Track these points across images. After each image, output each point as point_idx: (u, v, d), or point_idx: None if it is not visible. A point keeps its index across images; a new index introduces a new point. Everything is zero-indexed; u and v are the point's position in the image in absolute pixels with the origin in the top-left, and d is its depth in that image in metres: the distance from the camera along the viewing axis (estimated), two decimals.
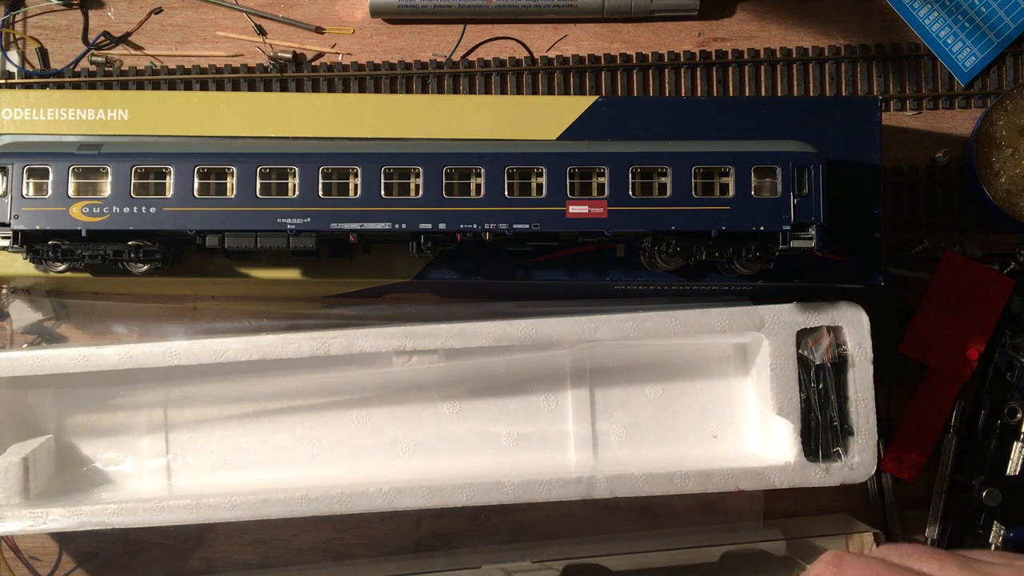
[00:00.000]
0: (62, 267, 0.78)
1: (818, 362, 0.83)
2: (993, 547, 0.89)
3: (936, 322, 0.89)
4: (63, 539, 0.91)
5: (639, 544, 0.88)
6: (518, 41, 0.96)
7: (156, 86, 0.94)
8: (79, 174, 0.75)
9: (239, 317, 0.90)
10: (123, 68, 0.95)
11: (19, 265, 0.80)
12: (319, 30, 0.96)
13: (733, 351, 0.89)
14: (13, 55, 0.95)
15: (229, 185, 0.76)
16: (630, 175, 0.76)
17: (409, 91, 0.94)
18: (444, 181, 0.76)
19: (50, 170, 0.75)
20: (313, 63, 0.95)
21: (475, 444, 0.88)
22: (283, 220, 0.75)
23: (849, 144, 0.82)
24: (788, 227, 0.76)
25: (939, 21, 0.95)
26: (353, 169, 0.76)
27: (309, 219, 0.75)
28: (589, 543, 0.90)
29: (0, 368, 0.82)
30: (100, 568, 0.91)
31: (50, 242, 0.76)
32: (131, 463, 0.88)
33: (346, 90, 0.94)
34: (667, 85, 0.95)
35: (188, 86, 0.94)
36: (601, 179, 0.77)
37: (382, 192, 0.76)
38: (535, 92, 0.95)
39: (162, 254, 0.77)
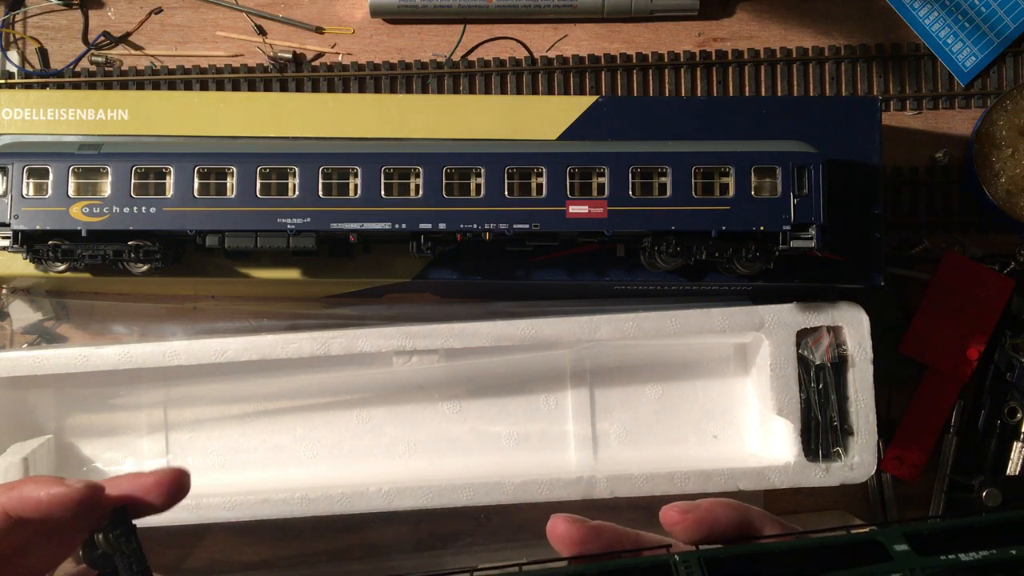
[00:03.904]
0: (62, 267, 0.78)
1: (818, 362, 0.83)
2: None
3: (936, 322, 0.89)
4: None
5: None
6: (518, 41, 0.96)
7: (156, 86, 0.94)
8: (79, 174, 0.75)
9: (239, 317, 0.90)
10: (123, 68, 0.95)
11: (19, 265, 0.80)
12: (319, 30, 0.96)
13: (733, 351, 0.89)
14: (13, 55, 0.95)
15: (229, 185, 0.76)
16: (630, 175, 0.76)
17: (409, 91, 0.94)
18: (444, 181, 0.76)
19: (50, 170, 0.75)
20: (313, 63, 0.95)
21: (475, 444, 0.88)
22: (283, 220, 0.75)
23: (849, 144, 0.82)
24: (788, 227, 0.76)
25: (939, 21, 0.95)
26: (353, 169, 0.76)
27: (309, 219, 0.75)
28: None
29: (0, 368, 0.82)
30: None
31: (50, 242, 0.76)
32: (131, 463, 0.88)
33: (346, 90, 0.94)
34: (667, 85, 0.95)
35: (188, 86, 0.94)
36: (601, 179, 0.77)
37: (382, 192, 0.76)
38: (535, 92, 0.95)
39: (162, 254, 0.77)
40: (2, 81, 0.94)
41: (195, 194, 0.75)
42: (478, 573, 0.43)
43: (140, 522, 0.80)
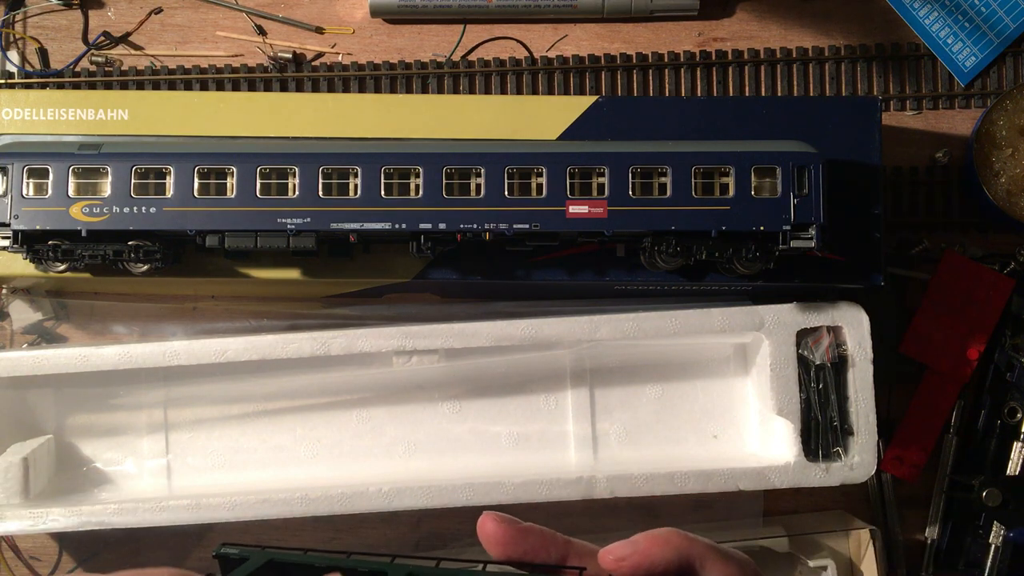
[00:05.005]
0: (62, 267, 0.78)
1: (818, 362, 0.83)
2: (993, 547, 0.89)
3: (936, 322, 0.89)
4: (63, 539, 0.91)
5: None
6: (518, 41, 0.96)
7: (156, 86, 0.94)
8: (79, 174, 0.75)
9: (239, 317, 0.90)
10: (123, 68, 0.95)
11: (19, 265, 0.80)
12: (319, 30, 0.96)
13: (733, 351, 0.89)
14: (13, 55, 0.95)
15: (229, 185, 0.76)
16: (630, 175, 0.76)
17: (409, 91, 0.94)
18: (444, 181, 0.76)
19: (50, 170, 0.75)
20: (313, 63, 0.95)
21: (475, 444, 0.88)
22: (283, 220, 0.75)
23: (849, 144, 0.82)
24: (788, 227, 0.76)
25: (939, 21, 0.95)
26: (353, 169, 0.76)
27: (309, 219, 0.75)
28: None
29: (0, 368, 0.82)
30: (100, 568, 0.91)
31: (50, 242, 0.76)
32: (131, 463, 0.88)
33: (346, 90, 0.94)
34: (667, 85, 0.95)
35: (188, 86, 0.94)
36: (601, 179, 0.77)
37: (382, 192, 0.76)
38: (535, 92, 0.95)
39: (162, 254, 0.77)
40: (2, 81, 0.94)
41: (195, 194, 0.75)
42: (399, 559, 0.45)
43: (140, 522, 0.80)
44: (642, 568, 0.46)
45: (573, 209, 0.76)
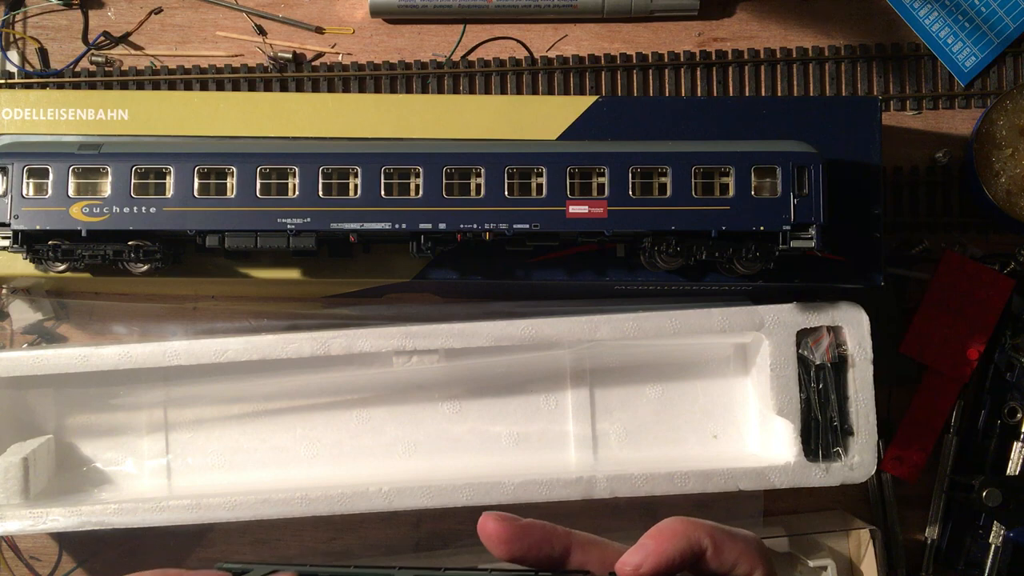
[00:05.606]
0: (62, 267, 0.78)
1: (818, 362, 0.83)
2: (993, 547, 0.89)
3: (936, 322, 0.89)
4: (63, 539, 0.91)
5: None
6: (518, 41, 0.96)
7: (156, 86, 0.94)
8: (79, 174, 0.75)
9: (239, 317, 0.90)
10: (123, 68, 0.95)
11: (19, 265, 0.80)
12: (319, 30, 0.96)
13: (733, 351, 0.89)
14: (13, 55, 0.95)
15: (229, 185, 0.76)
16: (630, 175, 0.76)
17: (409, 91, 0.94)
18: (444, 181, 0.76)
19: (50, 170, 0.75)
20: (313, 63, 0.95)
21: (475, 444, 0.88)
22: (283, 220, 0.75)
23: (849, 144, 0.82)
24: (788, 227, 0.76)
25: (939, 21, 0.95)
26: (353, 169, 0.76)
27: (309, 219, 0.75)
28: None
29: (0, 368, 0.82)
30: (100, 568, 0.91)
31: (50, 242, 0.76)
32: (131, 463, 0.88)
33: (346, 90, 0.94)
34: (667, 85, 0.95)
35: (188, 86, 0.94)
36: (601, 179, 0.77)
37: (382, 192, 0.76)
38: (535, 92, 0.95)
39: (162, 254, 0.77)
40: (2, 81, 0.94)
41: (195, 194, 0.75)
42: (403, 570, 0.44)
43: (140, 522, 0.80)
44: (661, 567, 0.45)
45: (573, 209, 0.76)
